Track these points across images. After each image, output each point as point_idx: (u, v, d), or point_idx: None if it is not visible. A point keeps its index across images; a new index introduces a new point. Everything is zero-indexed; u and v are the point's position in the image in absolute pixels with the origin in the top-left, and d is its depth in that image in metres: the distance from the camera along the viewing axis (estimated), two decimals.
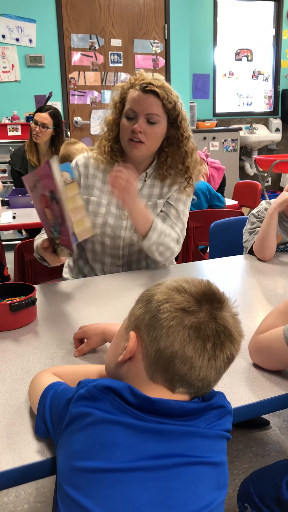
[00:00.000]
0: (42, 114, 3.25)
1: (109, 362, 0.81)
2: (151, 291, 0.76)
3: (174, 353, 0.69)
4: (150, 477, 0.65)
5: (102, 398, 0.70)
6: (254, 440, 1.89)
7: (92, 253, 1.67)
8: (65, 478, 0.68)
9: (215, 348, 0.70)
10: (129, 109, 1.50)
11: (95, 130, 5.18)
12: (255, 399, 0.91)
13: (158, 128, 1.51)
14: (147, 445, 0.67)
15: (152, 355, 0.71)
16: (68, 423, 0.71)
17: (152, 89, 1.46)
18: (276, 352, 0.96)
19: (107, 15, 5.00)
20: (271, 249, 1.72)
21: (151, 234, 1.51)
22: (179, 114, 1.53)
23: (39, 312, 1.30)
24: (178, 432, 0.68)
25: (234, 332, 0.72)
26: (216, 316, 0.71)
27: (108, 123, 1.58)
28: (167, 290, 0.73)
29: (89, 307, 1.35)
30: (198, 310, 0.70)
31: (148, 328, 0.72)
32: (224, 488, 0.71)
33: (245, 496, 1.12)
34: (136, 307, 0.77)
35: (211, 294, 0.73)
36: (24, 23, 4.68)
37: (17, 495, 1.64)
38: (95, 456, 0.66)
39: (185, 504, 0.65)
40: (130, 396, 0.69)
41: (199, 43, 6.00)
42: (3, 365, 1.04)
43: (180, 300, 0.71)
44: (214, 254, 2.13)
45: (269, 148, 6.74)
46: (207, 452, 0.69)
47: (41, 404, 0.79)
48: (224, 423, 0.74)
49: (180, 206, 1.64)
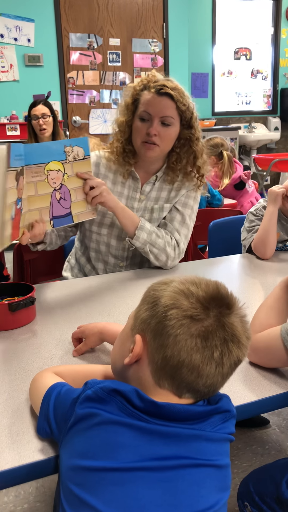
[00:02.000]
0: (38, 107, 3.34)
1: (115, 362, 0.81)
2: (157, 291, 0.73)
3: (181, 362, 0.68)
4: (155, 477, 0.66)
5: (109, 401, 0.69)
6: (254, 439, 1.89)
7: (95, 252, 1.66)
8: (70, 476, 0.68)
9: (223, 356, 0.69)
10: (143, 111, 1.50)
11: (94, 129, 5.18)
12: (254, 398, 0.91)
13: (172, 130, 1.52)
14: (153, 446, 0.67)
15: (159, 362, 0.70)
16: (74, 423, 0.71)
17: (166, 91, 1.46)
18: (274, 352, 0.97)
19: (105, 14, 4.99)
20: (271, 247, 1.73)
21: (138, 233, 1.53)
22: (192, 115, 1.54)
23: (38, 311, 1.30)
24: (184, 435, 0.69)
25: (242, 338, 0.70)
26: (224, 324, 0.69)
27: (120, 124, 1.57)
28: (174, 294, 0.71)
29: (88, 306, 1.35)
30: (206, 318, 0.69)
31: (155, 334, 0.70)
32: (227, 489, 0.72)
33: (245, 494, 1.12)
34: (142, 308, 0.74)
35: (219, 299, 0.71)
36: (22, 23, 4.68)
37: (17, 494, 1.64)
38: (100, 456, 0.66)
39: (189, 504, 0.66)
40: (137, 399, 0.69)
41: (198, 42, 6.00)
42: (2, 364, 1.04)
43: (188, 306, 0.69)
44: (213, 253, 2.13)
45: (268, 147, 6.74)
46: (212, 455, 0.70)
47: (45, 404, 0.79)
48: (228, 426, 0.74)
49: (187, 211, 1.64)
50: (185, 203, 1.64)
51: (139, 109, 1.51)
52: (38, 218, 1.33)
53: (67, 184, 1.41)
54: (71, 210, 1.44)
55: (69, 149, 1.39)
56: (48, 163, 1.35)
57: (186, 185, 1.64)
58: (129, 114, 1.54)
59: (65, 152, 1.39)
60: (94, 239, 1.64)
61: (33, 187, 1.32)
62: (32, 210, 1.33)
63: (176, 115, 1.51)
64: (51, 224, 1.39)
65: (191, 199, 1.65)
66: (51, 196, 1.37)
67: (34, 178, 1.32)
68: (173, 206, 1.64)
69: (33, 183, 1.32)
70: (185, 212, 1.63)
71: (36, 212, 1.35)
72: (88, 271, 1.70)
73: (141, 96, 1.51)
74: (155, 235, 1.56)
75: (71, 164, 1.41)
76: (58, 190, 1.39)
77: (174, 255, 1.59)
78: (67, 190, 1.42)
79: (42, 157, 1.34)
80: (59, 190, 1.40)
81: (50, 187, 1.37)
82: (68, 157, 1.40)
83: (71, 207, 1.44)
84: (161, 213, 1.63)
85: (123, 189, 1.61)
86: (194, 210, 1.67)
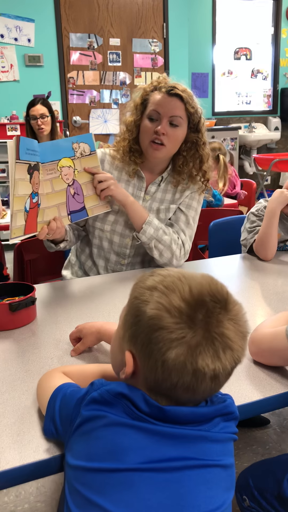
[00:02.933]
0: (36, 107, 3.32)
1: (114, 369, 0.81)
2: (140, 302, 0.69)
3: (174, 384, 0.66)
4: (162, 478, 0.66)
5: (115, 403, 0.69)
6: (254, 439, 1.89)
7: (98, 249, 1.66)
8: (77, 477, 0.68)
9: (217, 371, 0.66)
10: (152, 110, 1.51)
11: (94, 129, 5.17)
12: (256, 397, 0.91)
13: (180, 131, 1.53)
14: (160, 448, 0.67)
15: (152, 384, 0.69)
16: (80, 424, 0.70)
17: (176, 92, 1.50)
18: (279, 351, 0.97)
19: (105, 14, 4.99)
20: (272, 248, 1.72)
21: (145, 227, 1.54)
22: (200, 119, 1.56)
23: (39, 311, 1.30)
24: (190, 436, 0.69)
25: (236, 342, 0.67)
26: (215, 337, 0.65)
27: (128, 124, 1.59)
28: (156, 312, 0.66)
29: (88, 306, 1.35)
30: (194, 334, 0.65)
31: (144, 356, 0.68)
32: (233, 489, 0.72)
33: (243, 488, 1.11)
34: (128, 319, 0.71)
35: (206, 302, 0.67)
36: (22, 23, 4.68)
37: (17, 494, 1.64)
38: (107, 458, 0.66)
39: (197, 505, 0.66)
40: (143, 404, 0.68)
41: (198, 42, 6.00)
42: (2, 364, 1.04)
43: (172, 325, 0.65)
44: (214, 253, 2.13)
45: (268, 147, 6.74)
46: (218, 455, 0.70)
47: (51, 405, 0.78)
48: (231, 426, 0.75)
49: (191, 213, 1.65)
50: (189, 204, 1.65)
51: (148, 109, 1.53)
52: (56, 215, 1.40)
53: (78, 180, 1.47)
54: (84, 205, 1.48)
55: (76, 145, 1.45)
56: (60, 160, 1.41)
57: (191, 187, 1.65)
58: (138, 114, 1.56)
59: (73, 148, 1.44)
60: (97, 235, 1.64)
61: (49, 184, 1.39)
62: (50, 207, 1.39)
63: (185, 117, 1.53)
64: (69, 219, 1.45)
65: (195, 201, 1.66)
66: (66, 192, 1.43)
67: (49, 176, 1.38)
68: (177, 207, 1.65)
69: (49, 180, 1.38)
70: (189, 214, 1.64)
71: (55, 209, 1.41)
72: (89, 268, 1.70)
73: (151, 96, 1.54)
74: (162, 231, 1.57)
75: (79, 160, 1.46)
76: (71, 185, 1.45)
77: (179, 254, 1.60)
78: (79, 185, 1.47)
79: (54, 155, 1.40)
80: (72, 185, 1.46)
81: (64, 183, 1.43)
82: (76, 153, 1.45)
83: (84, 201, 1.49)
84: (167, 213, 1.64)
85: (128, 187, 1.62)
86: (198, 212, 1.68)
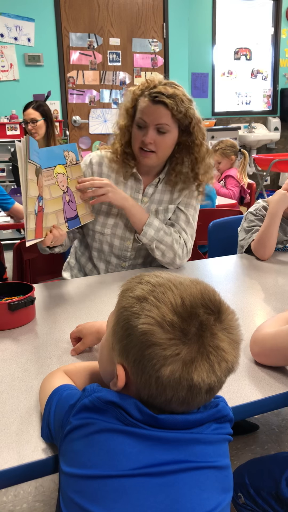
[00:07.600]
0: (27, 111, 3.35)
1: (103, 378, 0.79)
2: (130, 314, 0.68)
3: (168, 399, 0.66)
4: (155, 482, 0.65)
5: (106, 410, 0.68)
6: (253, 439, 1.89)
7: (98, 252, 1.66)
8: (70, 484, 0.67)
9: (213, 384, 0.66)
10: (139, 118, 1.50)
11: (94, 129, 5.18)
12: (256, 397, 0.91)
13: (169, 137, 1.51)
14: (153, 452, 0.66)
15: (145, 398, 0.68)
16: (70, 431, 0.70)
17: (161, 99, 1.44)
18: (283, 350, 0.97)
19: (105, 14, 4.99)
20: (271, 248, 1.72)
21: (146, 229, 1.54)
22: (192, 121, 1.50)
23: (38, 311, 1.30)
24: (183, 439, 0.68)
25: (231, 358, 0.67)
26: (210, 351, 0.65)
27: (120, 127, 1.58)
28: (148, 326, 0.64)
29: (88, 306, 1.35)
30: (189, 350, 0.64)
31: (136, 371, 0.67)
32: (229, 491, 0.71)
33: (238, 485, 1.10)
34: (117, 330, 0.70)
35: (198, 314, 0.65)
36: (22, 22, 4.68)
37: (16, 494, 1.64)
38: (100, 464, 0.66)
39: (191, 508, 0.65)
40: (136, 412, 0.67)
41: (198, 42, 6.00)
42: (1, 364, 1.04)
43: (165, 342, 0.64)
44: (213, 253, 2.13)
45: (268, 147, 6.74)
46: (211, 457, 0.69)
47: (47, 408, 0.78)
48: (226, 427, 0.74)
49: (190, 211, 1.65)
50: (187, 203, 1.65)
51: (136, 115, 1.51)
52: (55, 222, 1.39)
53: (70, 187, 1.46)
54: (77, 212, 1.47)
55: (67, 153, 1.45)
56: (55, 166, 1.40)
57: (189, 186, 1.64)
58: (129, 118, 1.55)
59: (65, 156, 1.44)
60: (97, 239, 1.64)
61: (47, 190, 1.38)
62: (50, 213, 1.38)
63: (172, 123, 1.49)
64: (67, 227, 1.45)
65: (193, 199, 1.66)
66: (62, 199, 1.43)
67: (47, 182, 1.37)
68: (176, 206, 1.65)
69: (47, 186, 1.37)
70: (189, 213, 1.64)
71: (54, 216, 1.40)
72: (89, 270, 1.70)
73: (139, 102, 1.51)
74: (163, 232, 1.57)
75: (70, 168, 1.46)
76: (66, 193, 1.45)
77: (182, 254, 1.60)
78: (72, 192, 1.47)
79: (50, 161, 1.39)
80: (67, 192, 1.45)
81: (60, 190, 1.43)
82: (67, 161, 1.45)
83: (77, 209, 1.48)
84: (166, 214, 1.64)
85: (125, 190, 1.62)
86: (197, 210, 1.68)
